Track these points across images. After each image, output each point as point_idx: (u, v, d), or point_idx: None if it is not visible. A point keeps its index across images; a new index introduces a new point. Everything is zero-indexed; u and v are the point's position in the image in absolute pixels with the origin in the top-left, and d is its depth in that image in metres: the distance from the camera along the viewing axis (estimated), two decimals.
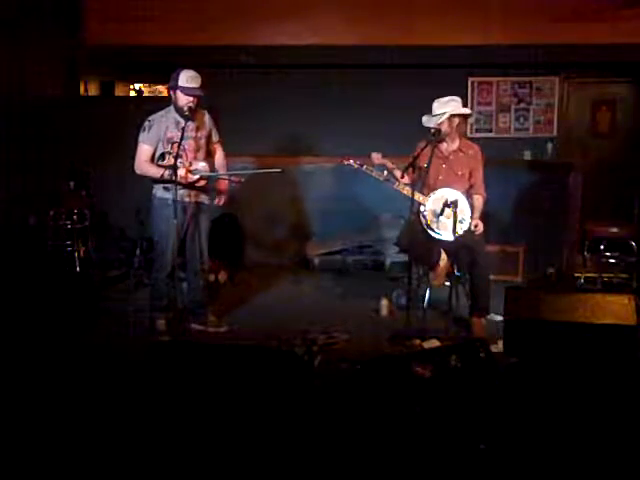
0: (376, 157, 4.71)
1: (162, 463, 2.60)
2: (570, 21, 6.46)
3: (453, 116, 4.54)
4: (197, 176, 4.32)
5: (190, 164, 4.30)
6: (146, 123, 4.35)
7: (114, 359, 3.85)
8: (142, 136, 4.34)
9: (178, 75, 4.27)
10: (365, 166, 4.71)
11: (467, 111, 4.66)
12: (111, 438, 2.82)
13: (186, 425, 2.72)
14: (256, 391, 2.78)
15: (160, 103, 4.55)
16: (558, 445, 2.78)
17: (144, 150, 4.33)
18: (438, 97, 4.60)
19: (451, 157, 4.68)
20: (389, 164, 4.69)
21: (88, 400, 3.24)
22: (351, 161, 4.77)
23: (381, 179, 4.62)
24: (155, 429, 2.73)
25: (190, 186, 4.34)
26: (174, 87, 4.28)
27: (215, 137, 4.61)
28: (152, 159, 4.35)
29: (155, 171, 4.29)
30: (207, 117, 4.54)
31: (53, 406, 3.20)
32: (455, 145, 4.68)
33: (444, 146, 4.67)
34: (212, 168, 4.53)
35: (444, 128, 4.54)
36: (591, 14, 6.43)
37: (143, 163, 4.33)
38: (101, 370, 3.66)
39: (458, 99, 4.59)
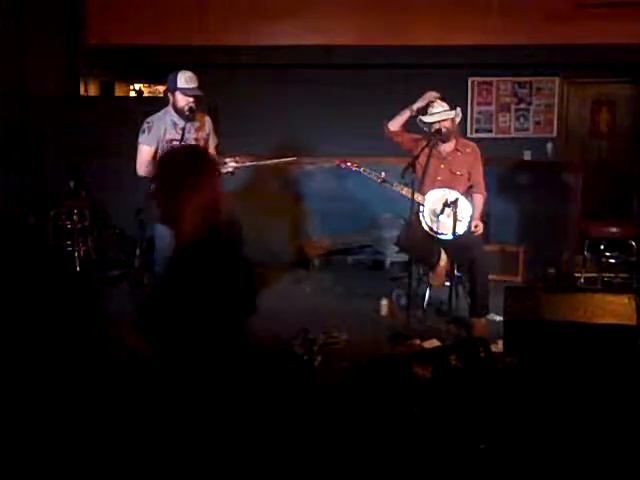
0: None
1: (162, 463, 2.61)
2: (570, 21, 6.45)
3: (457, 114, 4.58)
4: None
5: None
6: (145, 125, 4.36)
7: (114, 359, 3.84)
8: (142, 138, 4.34)
9: (176, 77, 4.28)
10: (362, 168, 4.71)
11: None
12: (109, 438, 2.82)
13: (185, 425, 2.72)
14: (255, 391, 2.78)
15: (160, 103, 4.55)
16: (558, 445, 2.78)
17: (145, 151, 4.33)
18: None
19: (449, 157, 4.67)
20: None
21: (87, 400, 3.24)
22: (348, 164, 4.77)
23: (379, 181, 4.63)
24: (153, 429, 2.73)
25: None
26: (173, 89, 4.29)
27: (213, 142, 4.60)
28: (153, 159, 4.35)
29: None
30: (207, 119, 4.54)
31: (53, 406, 3.20)
32: (452, 145, 4.68)
33: (442, 146, 4.67)
34: None
35: (449, 126, 4.55)
36: (591, 14, 6.42)
37: (145, 164, 4.34)
38: (100, 370, 3.66)
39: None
